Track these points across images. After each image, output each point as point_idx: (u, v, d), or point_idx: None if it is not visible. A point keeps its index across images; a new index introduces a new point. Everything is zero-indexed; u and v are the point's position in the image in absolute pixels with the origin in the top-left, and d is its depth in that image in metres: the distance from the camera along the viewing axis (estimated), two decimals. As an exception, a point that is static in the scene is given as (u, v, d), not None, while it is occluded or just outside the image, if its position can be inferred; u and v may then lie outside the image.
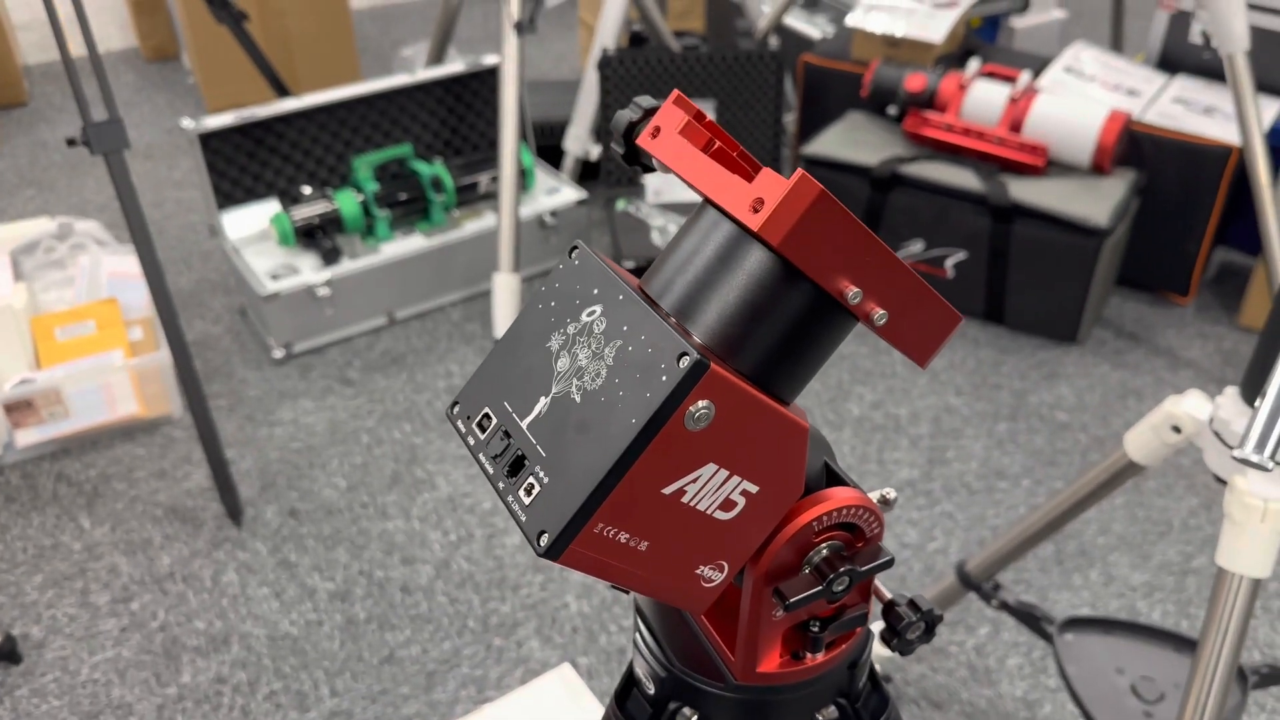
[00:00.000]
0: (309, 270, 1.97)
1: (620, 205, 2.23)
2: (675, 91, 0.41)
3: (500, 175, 1.94)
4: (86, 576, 1.53)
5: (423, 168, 2.11)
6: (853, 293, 0.38)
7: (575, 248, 0.43)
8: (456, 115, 2.27)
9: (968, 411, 1.84)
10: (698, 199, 0.42)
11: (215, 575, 1.53)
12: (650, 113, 0.43)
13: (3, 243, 1.91)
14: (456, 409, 0.44)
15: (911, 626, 0.47)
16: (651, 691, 0.52)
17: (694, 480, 0.38)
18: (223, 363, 1.96)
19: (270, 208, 2.06)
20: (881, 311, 0.39)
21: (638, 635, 0.53)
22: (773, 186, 0.36)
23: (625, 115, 0.43)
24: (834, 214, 0.36)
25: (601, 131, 2.33)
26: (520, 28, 1.90)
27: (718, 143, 0.41)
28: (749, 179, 0.38)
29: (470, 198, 2.19)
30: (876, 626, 0.49)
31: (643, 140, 0.42)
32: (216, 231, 2.04)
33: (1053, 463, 1.73)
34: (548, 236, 2.21)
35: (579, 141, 2.44)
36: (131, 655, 1.41)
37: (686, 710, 0.51)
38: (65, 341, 1.79)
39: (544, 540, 0.37)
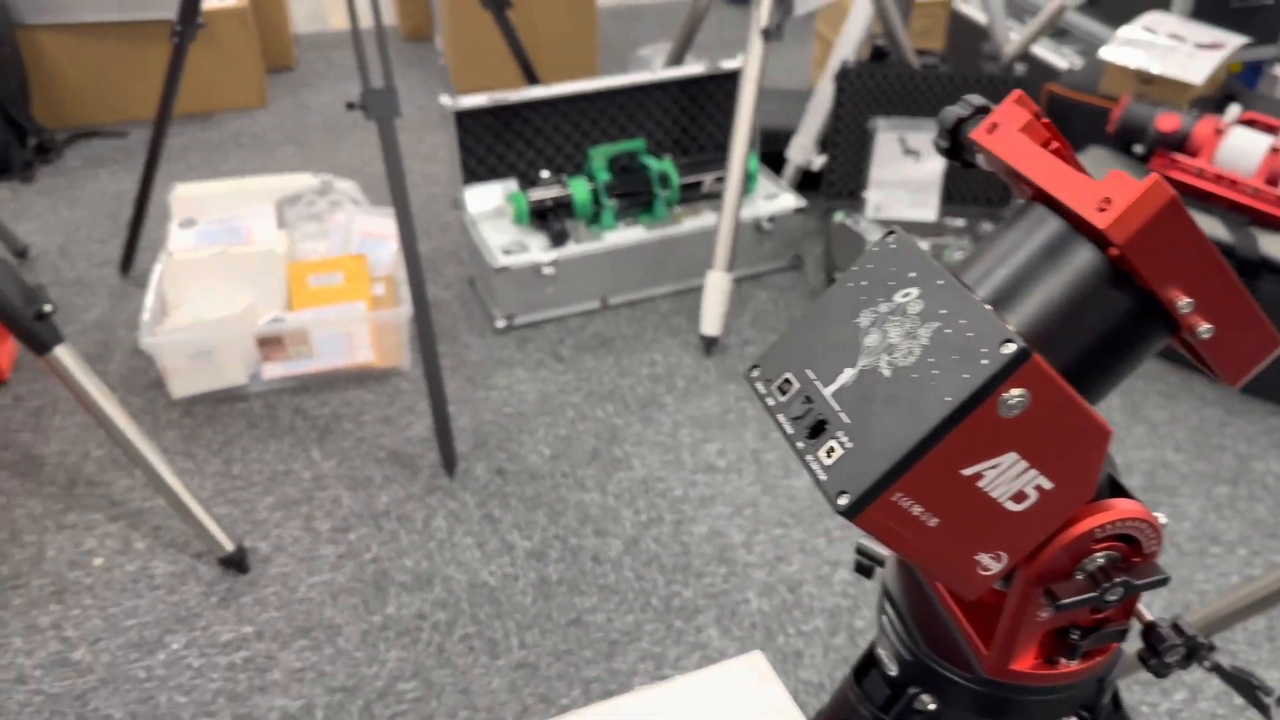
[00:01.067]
0: (537, 249, 2.08)
1: (838, 218, 2.24)
2: (1017, 91, 0.43)
3: (728, 177, 1.98)
4: (312, 504, 1.67)
5: (652, 163, 2.18)
6: (1184, 303, 0.39)
7: (892, 232, 0.46)
8: (689, 116, 2.33)
9: (1185, 470, 1.75)
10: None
11: (426, 519, 1.64)
12: (981, 110, 0.45)
13: (269, 192, 2.11)
14: (757, 371, 0.47)
15: (1173, 649, 0.47)
16: (893, 673, 0.53)
17: (994, 466, 0.40)
18: (449, 326, 2.09)
19: (508, 187, 2.18)
20: (1208, 326, 0.39)
21: (884, 617, 0.55)
22: (1123, 187, 0.37)
23: (954, 111, 0.45)
24: (1181, 221, 0.37)
25: (828, 142, 2.33)
26: (767, 34, 1.94)
27: (1055, 143, 0.42)
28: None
29: (692, 196, 2.25)
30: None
31: (977, 135, 0.44)
32: (458, 205, 2.18)
33: (1274, 534, 1.62)
34: (762, 241, 2.24)
35: (803, 150, 2.46)
36: (344, 581, 1.54)
37: (925, 696, 0.52)
38: (316, 288, 1.95)
39: (843, 500, 0.40)
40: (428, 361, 1.66)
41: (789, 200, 2.27)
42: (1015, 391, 0.38)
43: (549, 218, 2.10)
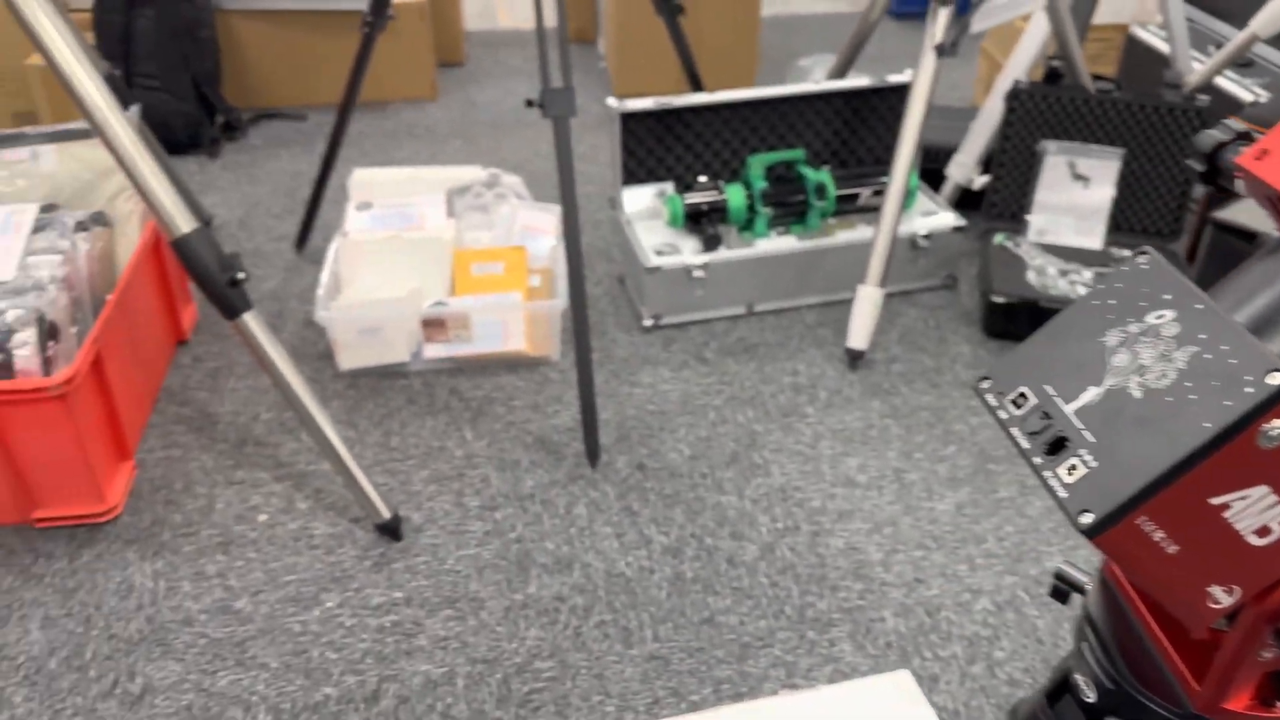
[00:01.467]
0: (689, 252, 2.10)
1: (998, 239, 2.19)
2: (1294, 125, 0.43)
3: (888, 190, 1.97)
4: (463, 480, 1.74)
5: (809, 173, 2.18)
6: None
7: (1144, 252, 0.46)
8: (850, 128, 2.32)
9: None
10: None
11: (568, 506, 1.68)
12: (1242, 136, 0.45)
13: (441, 182, 2.19)
14: (988, 383, 0.48)
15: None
16: (1091, 699, 0.53)
17: (1243, 498, 0.40)
18: (598, 321, 2.14)
19: (664, 189, 2.21)
20: None
21: (1084, 644, 0.54)
22: None
23: (1215, 135, 0.45)
24: None
25: (992, 162, 2.29)
26: (941, 50, 1.92)
27: (1332, 178, 0.42)
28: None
29: (847, 208, 2.23)
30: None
31: (1244, 160, 0.44)
32: (615, 204, 2.22)
33: None
34: (916, 258, 2.21)
35: (963, 169, 2.42)
36: (490, 557, 1.59)
37: (1124, 725, 0.52)
38: (478, 276, 2.02)
39: (1086, 519, 0.40)
40: (580, 355, 1.71)
41: (948, 218, 2.23)
42: (1277, 423, 0.38)
43: (703, 222, 2.13)
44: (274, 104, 3.01)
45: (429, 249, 2.02)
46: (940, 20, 1.92)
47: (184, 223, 1.40)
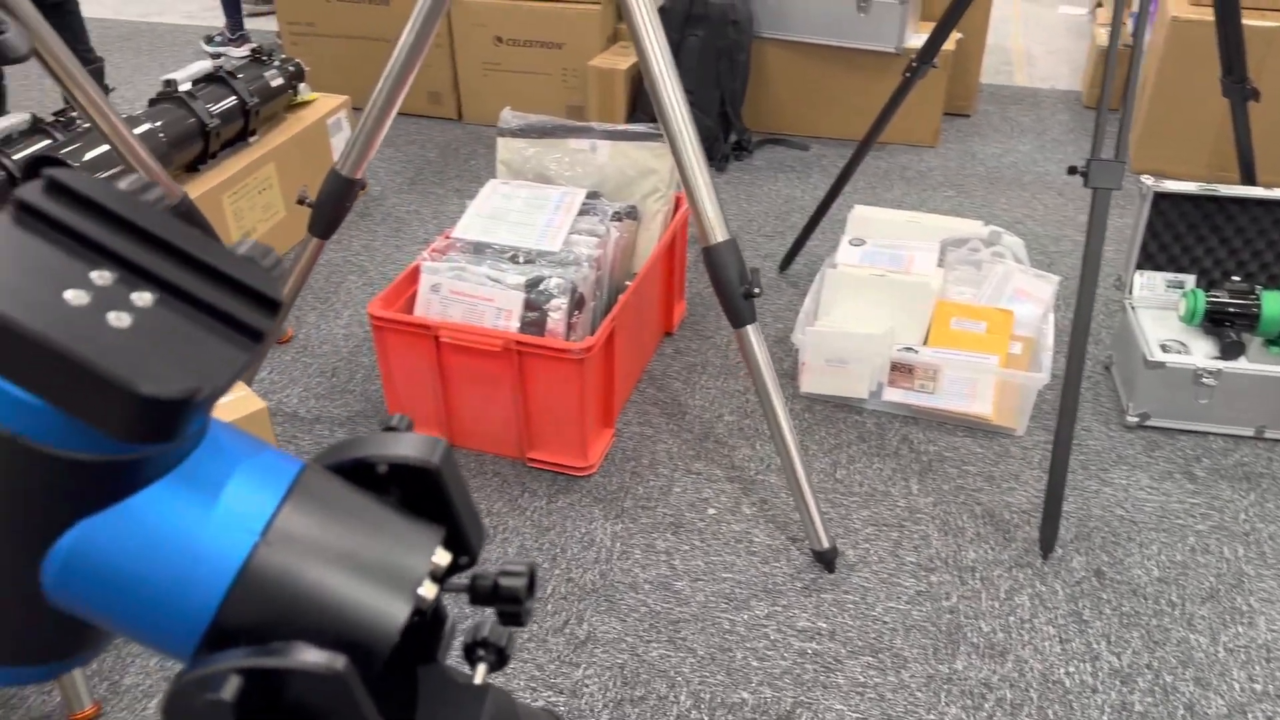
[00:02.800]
0: (1200, 354, 1.91)
1: None
2: None
3: None
4: (902, 531, 1.72)
5: (1371, 296, 1.88)
6: None
7: None
8: None
9: None
10: None
11: (1010, 591, 1.60)
12: None
13: (938, 231, 2.18)
14: None
15: None
16: None
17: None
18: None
19: (1182, 280, 2.02)
20: None
21: None
22: None
23: None
24: None
25: None
26: None
27: None
28: None
29: None
30: None
31: None
32: (1121, 285, 2.07)
33: None
34: None
35: None
36: (919, 618, 1.56)
37: None
38: (956, 331, 1.99)
39: None
40: (1059, 438, 1.61)
41: None
42: None
43: (1225, 325, 1.92)
44: (782, 130, 3.17)
45: (912, 293, 2.02)
46: None
47: (721, 233, 1.52)
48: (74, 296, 0.37)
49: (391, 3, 3.21)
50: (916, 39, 3.02)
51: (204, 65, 2.46)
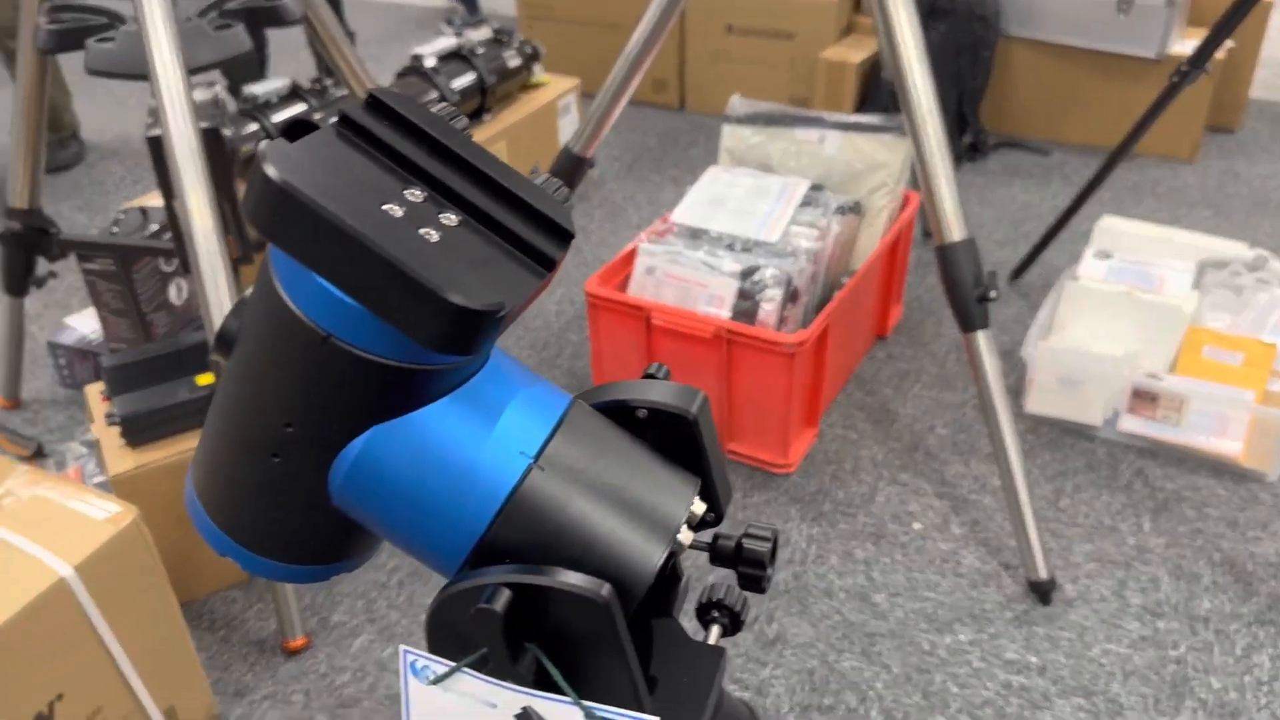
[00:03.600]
0: None
1: None
2: None
3: None
4: (1129, 571, 1.58)
5: None
6: None
7: None
8: None
9: None
10: None
11: (1247, 649, 1.44)
12: None
13: (1194, 250, 2.00)
14: None
15: None
16: None
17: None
18: (1343, 455, 1.79)
19: None
20: None
21: None
22: None
23: None
24: None
25: None
26: None
27: None
28: None
29: None
30: None
31: None
32: None
33: None
34: None
35: None
36: (1141, 665, 1.43)
37: None
38: (1209, 360, 1.81)
39: None
40: (1329, 488, 1.44)
41: None
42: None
43: None
44: (1022, 134, 3.00)
45: (1161, 316, 1.85)
46: None
47: (959, 231, 1.43)
48: (391, 209, 0.39)
49: (628, -11, 3.25)
50: (1180, 45, 2.78)
51: (449, 42, 2.57)
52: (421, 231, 0.39)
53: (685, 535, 0.45)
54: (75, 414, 1.98)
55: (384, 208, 0.39)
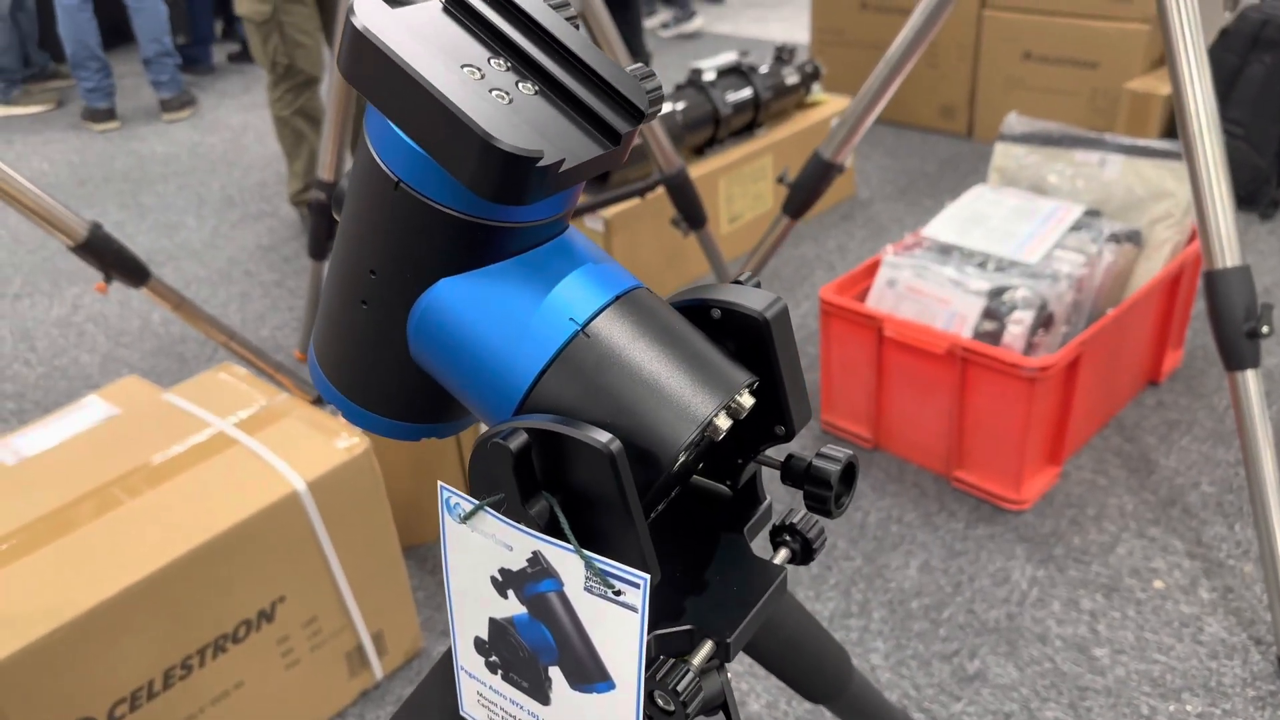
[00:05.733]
0: None
1: None
2: None
3: None
4: None
5: None
6: None
7: None
8: None
9: None
10: None
11: None
12: None
13: None
14: None
15: None
16: None
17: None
18: None
19: None
20: None
21: None
22: None
23: None
24: None
25: None
26: None
27: None
28: None
29: None
30: None
31: None
32: None
33: None
34: None
35: None
36: None
37: None
38: None
39: None
40: None
41: None
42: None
43: None
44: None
45: None
46: None
47: (1232, 257, 1.29)
48: (469, 71, 0.42)
49: (921, 14, 3.18)
50: None
51: (730, 56, 2.63)
52: (494, 93, 0.42)
53: (723, 421, 0.44)
54: (355, 371, 2.21)
55: (463, 68, 0.42)
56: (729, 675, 0.52)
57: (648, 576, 0.40)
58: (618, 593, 0.40)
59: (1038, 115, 2.99)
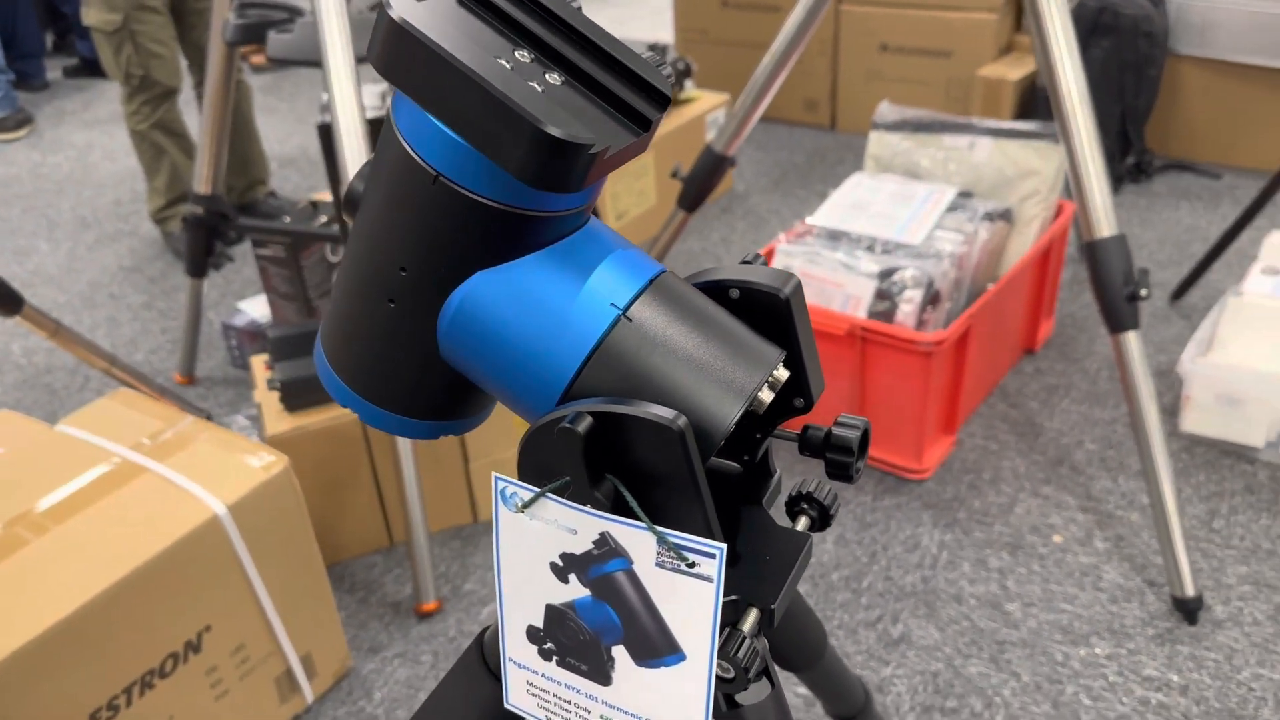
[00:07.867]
0: None
1: None
2: None
3: None
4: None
5: None
6: None
7: None
8: None
9: None
10: None
11: None
12: None
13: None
14: None
15: None
16: None
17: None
18: None
19: None
20: None
21: None
22: None
23: None
24: None
25: None
26: None
27: None
28: None
29: None
30: None
31: None
32: None
33: None
34: None
35: None
36: None
37: None
38: (1393, 383, 1.67)
39: None
40: None
41: None
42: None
43: None
44: (1191, 157, 2.85)
45: (1338, 337, 1.73)
46: None
47: (1108, 227, 1.39)
48: (501, 62, 0.42)
49: (781, 10, 3.28)
50: (1375, 60, 2.60)
51: (604, 56, 2.65)
52: (530, 83, 0.42)
53: (765, 394, 0.46)
54: (243, 391, 2.13)
55: (496, 59, 0.42)
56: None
57: (724, 546, 0.41)
58: (691, 565, 0.41)
59: (898, 105, 3.12)
